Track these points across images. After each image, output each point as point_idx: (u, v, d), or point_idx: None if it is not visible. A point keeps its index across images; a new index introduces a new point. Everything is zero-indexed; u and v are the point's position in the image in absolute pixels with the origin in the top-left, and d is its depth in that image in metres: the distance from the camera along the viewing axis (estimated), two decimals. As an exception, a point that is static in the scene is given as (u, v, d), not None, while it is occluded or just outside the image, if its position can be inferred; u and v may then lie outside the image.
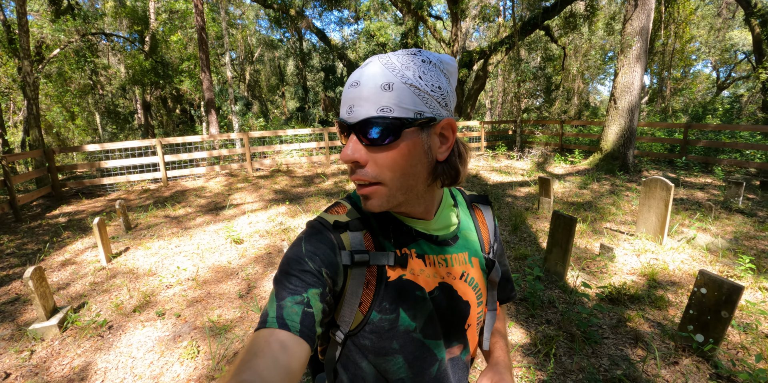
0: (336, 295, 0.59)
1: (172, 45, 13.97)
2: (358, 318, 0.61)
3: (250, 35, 22.89)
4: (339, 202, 0.67)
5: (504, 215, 5.17)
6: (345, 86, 0.58)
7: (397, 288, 0.61)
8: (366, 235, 0.61)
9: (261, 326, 0.52)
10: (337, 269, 0.58)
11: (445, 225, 0.68)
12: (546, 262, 3.28)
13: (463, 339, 0.69)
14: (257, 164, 9.55)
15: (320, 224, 0.61)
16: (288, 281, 0.55)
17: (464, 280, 0.67)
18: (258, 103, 25.84)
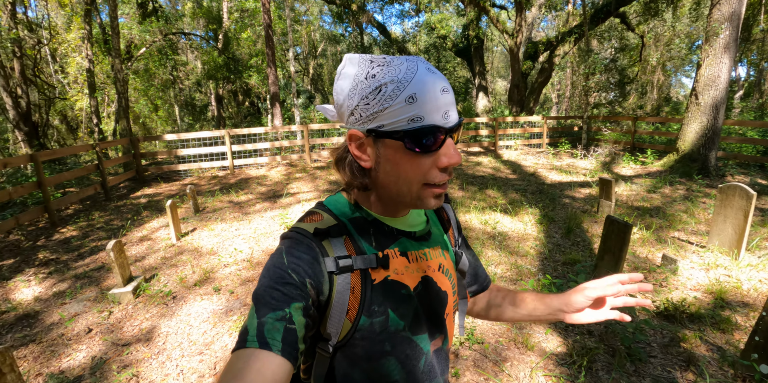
0: (321, 306, 0.58)
1: (242, 42, 14.88)
2: (346, 327, 0.60)
3: (314, 31, 23.65)
4: (313, 211, 0.67)
5: (558, 216, 4.94)
6: (431, 93, 0.54)
7: (384, 289, 0.61)
8: (346, 240, 0.61)
9: (240, 345, 0.49)
10: (322, 278, 0.57)
11: (419, 222, 0.71)
12: (596, 269, 3.11)
13: (443, 329, 0.71)
14: (315, 156, 9.94)
15: (300, 234, 0.60)
16: (269, 295, 0.53)
17: (441, 271, 0.70)
18: (320, 96, 26.74)
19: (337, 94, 0.59)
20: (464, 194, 6.17)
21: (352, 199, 0.66)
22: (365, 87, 0.55)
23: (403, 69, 0.55)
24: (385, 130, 0.56)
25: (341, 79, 0.58)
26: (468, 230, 4.48)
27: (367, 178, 0.61)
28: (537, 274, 3.28)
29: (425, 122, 0.55)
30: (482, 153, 10.59)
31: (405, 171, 0.58)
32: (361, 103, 0.56)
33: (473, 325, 2.52)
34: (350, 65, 0.58)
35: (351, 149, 0.59)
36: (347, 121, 0.59)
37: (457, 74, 22.80)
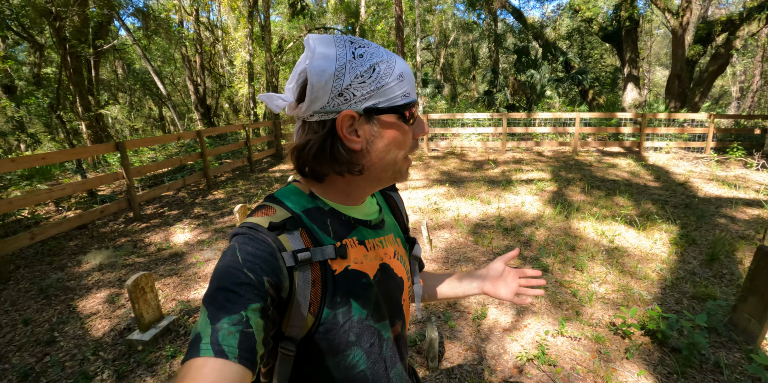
0: (282, 304, 0.56)
1: (376, 34, 15.60)
2: (309, 321, 0.58)
3: (447, 20, 23.33)
4: (262, 204, 0.63)
5: (703, 239, 4.06)
6: (410, 72, 0.59)
7: (345, 279, 0.60)
8: (302, 233, 0.59)
9: (193, 354, 0.45)
10: (281, 274, 0.54)
11: (373, 210, 0.71)
12: (734, 312, 2.49)
13: (402, 315, 0.72)
14: (433, 145, 10.01)
15: (253, 230, 0.57)
16: (223, 298, 0.49)
17: (396, 258, 0.71)
18: (449, 85, 26.52)
19: (317, 76, 0.55)
20: (585, 199, 5.52)
21: (307, 189, 0.65)
22: (356, 66, 0.55)
23: (382, 50, 0.58)
24: (383, 106, 0.57)
25: (318, 60, 0.54)
26: (578, 239, 4.02)
27: (361, 161, 0.60)
28: (650, 303, 2.78)
29: (411, 97, 0.59)
30: (621, 154, 9.23)
31: (396, 144, 0.60)
32: (355, 81, 0.55)
33: (546, 344, 2.30)
34: (325, 46, 0.55)
35: (342, 132, 0.57)
36: (330, 103, 0.56)
37: (603, 63, 20.03)
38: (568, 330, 2.41)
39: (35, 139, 10.58)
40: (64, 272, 3.60)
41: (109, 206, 4.86)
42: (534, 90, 16.08)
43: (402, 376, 0.72)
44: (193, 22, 11.76)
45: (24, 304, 3.05)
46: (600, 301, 2.81)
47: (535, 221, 4.55)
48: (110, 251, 4.05)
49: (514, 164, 8.15)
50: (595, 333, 2.38)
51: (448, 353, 2.27)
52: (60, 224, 4.21)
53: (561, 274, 3.24)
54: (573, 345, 2.29)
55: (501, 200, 5.51)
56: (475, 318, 2.61)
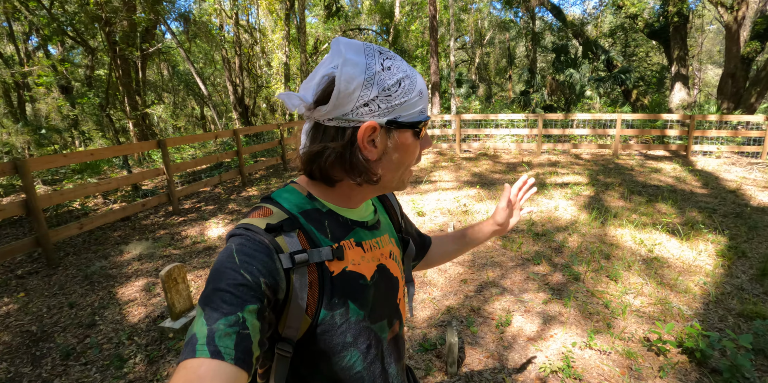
0: (278, 306, 0.56)
1: (410, 34, 15.55)
2: (306, 323, 0.58)
3: (483, 19, 22.89)
4: (259, 205, 0.64)
5: (755, 251, 3.75)
6: (426, 90, 0.61)
7: (343, 281, 0.61)
8: (300, 234, 0.59)
9: (189, 355, 0.45)
10: (278, 276, 0.54)
11: (369, 212, 0.72)
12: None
13: (398, 315, 0.73)
14: (466, 146, 9.87)
15: (250, 231, 0.57)
16: (220, 299, 0.49)
17: (392, 258, 0.72)
18: (484, 86, 26.06)
19: (346, 83, 0.55)
20: (624, 205, 5.25)
21: (305, 191, 0.65)
22: (385, 79, 0.56)
23: (405, 65, 0.59)
24: (404, 121, 0.59)
25: (349, 67, 0.55)
26: (614, 247, 3.83)
27: (377, 170, 0.61)
28: (690, 319, 2.61)
29: (426, 114, 0.63)
30: (666, 158, 8.72)
31: (408, 158, 0.63)
32: (382, 94, 0.56)
33: (573, 356, 2.20)
34: (354, 53, 0.56)
35: (362, 142, 0.57)
36: (353, 112, 0.56)
37: (649, 61, 19.00)
38: (598, 343, 2.30)
39: (87, 136, 11.33)
40: (108, 261, 3.84)
41: (151, 199, 5.13)
42: (573, 90, 15.50)
43: (398, 377, 0.73)
44: (233, 25, 12.20)
45: (70, 289, 3.28)
46: (634, 314, 2.66)
47: (568, 227, 4.38)
48: (150, 242, 4.28)
49: (549, 167, 7.88)
50: (627, 348, 2.26)
51: (468, 359, 2.23)
52: (106, 216, 4.48)
53: (593, 283, 3.10)
54: (602, 360, 2.19)
55: (533, 203, 5.35)
56: (498, 324, 2.55)
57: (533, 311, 2.70)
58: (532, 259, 3.54)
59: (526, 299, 2.86)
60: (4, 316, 2.87)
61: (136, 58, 8.19)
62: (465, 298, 2.92)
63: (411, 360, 2.25)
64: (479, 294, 2.97)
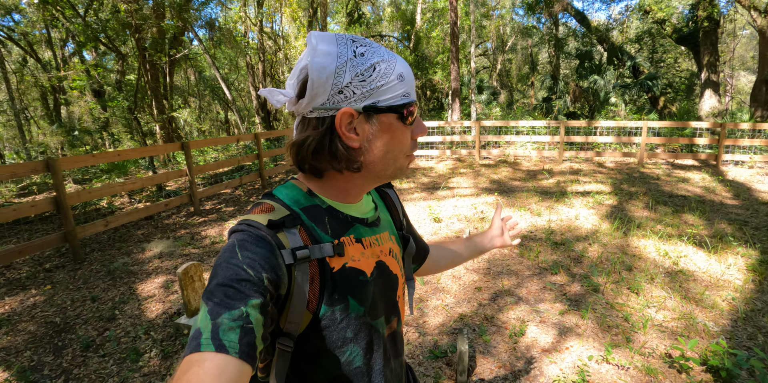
0: (280, 301, 0.57)
1: (431, 40, 15.59)
2: (307, 318, 0.59)
3: (505, 25, 22.75)
4: (260, 201, 0.64)
5: (788, 265, 3.57)
6: (410, 73, 0.61)
7: (343, 276, 0.61)
8: (301, 230, 0.60)
9: (194, 349, 0.45)
10: (280, 272, 0.55)
11: (369, 208, 0.73)
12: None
13: (397, 312, 0.73)
14: (485, 153, 9.78)
15: (252, 227, 0.57)
16: (223, 293, 0.50)
17: (391, 255, 0.72)
18: (506, 92, 25.81)
19: (318, 72, 0.55)
20: (648, 215, 5.08)
21: (305, 187, 0.65)
22: (357, 64, 0.56)
23: (383, 50, 0.59)
24: (382, 105, 0.58)
25: (320, 57, 0.55)
26: (636, 258, 3.71)
27: (359, 158, 0.60)
28: (716, 336, 2.49)
29: (411, 97, 0.61)
30: (694, 167, 8.42)
31: (395, 144, 0.61)
32: (356, 79, 0.56)
33: (588, 370, 2.12)
34: (326, 43, 0.56)
35: (341, 129, 0.57)
36: (329, 100, 0.57)
37: (677, 67, 18.43)
38: (616, 358, 2.22)
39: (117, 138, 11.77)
40: (130, 258, 3.95)
41: (173, 200, 5.27)
42: (597, 97, 15.16)
43: (397, 372, 0.74)
44: (257, 32, 12.53)
45: (93, 283, 3.39)
46: (656, 329, 2.56)
47: (588, 237, 4.27)
48: (170, 241, 4.39)
49: (570, 175, 7.71)
50: (647, 364, 2.17)
51: (479, 368, 2.18)
52: (130, 214, 4.63)
53: (613, 296, 3.00)
54: (619, 375, 2.10)
55: (553, 212, 5.24)
56: (512, 334, 2.49)
57: (549, 321, 2.63)
58: (550, 268, 3.46)
59: (542, 309, 2.79)
60: (31, 307, 2.99)
61: (164, 64, 8.49)
62: (478, 306, 2.87)
63: (420, 367, 2.22)
64: (493, 303, 2.91)
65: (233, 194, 6.86)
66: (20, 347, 2.47)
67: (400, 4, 19.31)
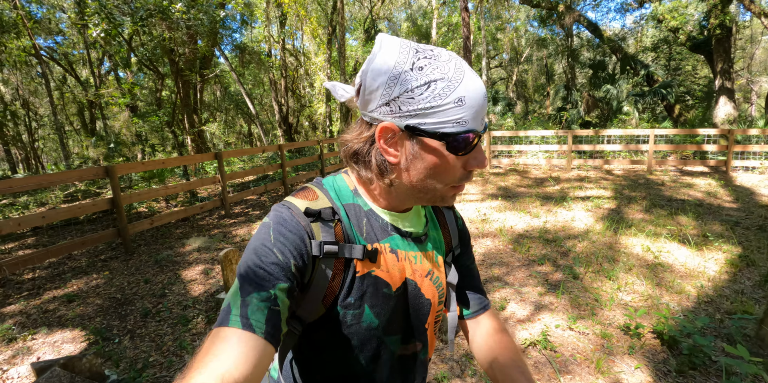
0: (302, 288, 0.57)
1: (446, 53, 16.24)
2: (319, 311, 0.59)
3: (520, 37, 23.21)
4: (308, 186, 0.64)
5: (767, 261, 3.85)
6: (477, 98, 0.53)
7: (365, 283, 0.60)
8: (337, 225, 0.59)
9: (223, 323, 0.48)
10: (306, 260, 0.56)
11: (418, 223, 0.68)
12: (761, 328, 2.49)
13: (423, 337, 0.69)
14: (496, 162, 10.18)
15: (290, 210, 0.58)
16: (254, 274, 0.51)
17: (430, 278, 0.67)
18: (522, 103, 26.10)
19: (371, 79, 0.54)
20: (643, 217, 5.39)
21: (353, 185, 0.64)
22: (411, 79, 0.52)
23: (451, 67, 0.53)
24: (427, 129, 0.53)
25: (377, 63, 0.53)
26: (621, 253, 4.06)
27: (393, 174, 0.58)
28: (675, 313, 2.84)
29: (468, 125, 0.54)
30: (704, 174, 8.58)
31: (438, 172, 0.56)
32: (404, 95, 0.52)
33: (552, 333, 2.54)
34: (389, 49, 0.53)
35: (379, 142, 0.56)
36: (377, 110, 0.55)
37: (697, 75, 18.37)
38: (578, 326, 2.63)
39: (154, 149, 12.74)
40: (172, 251, 4.58)
41: (207, 204, 5.93)
42: (610, 106, 15.35)
43: None
44: (279, 50, 13.44)
45: (144, 270, 4.01)
46: (621, 307, 2.93)
47: (579, 235, 4.63)
48: (206, 238, 5.01)
49: (576, 182, 8.02)
50: (605, 331, 2.57)
51: (462, 332, 2.63)
52: (170, 215, 5.29)
53: (590, 281, 3.38)
54: (578, 338, 2.51)
55: (551, 214, 5.61)
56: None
57: (528, 300, 3.04)
58: (538, 260, 3.86)
59: (524, 291, 3.20)
60: (95, 287, 3.62)
61: (196, 82, 9.36)
62: (469, 289, 3.31)
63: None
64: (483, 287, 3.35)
65: (259, 200, 7.51)
66: (91, 314, 3.07)
67: (416, 19, 20.12)
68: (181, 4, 5.83)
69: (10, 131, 14.96)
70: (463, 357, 2.34)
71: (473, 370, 2.20)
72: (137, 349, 2.56)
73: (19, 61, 11.92)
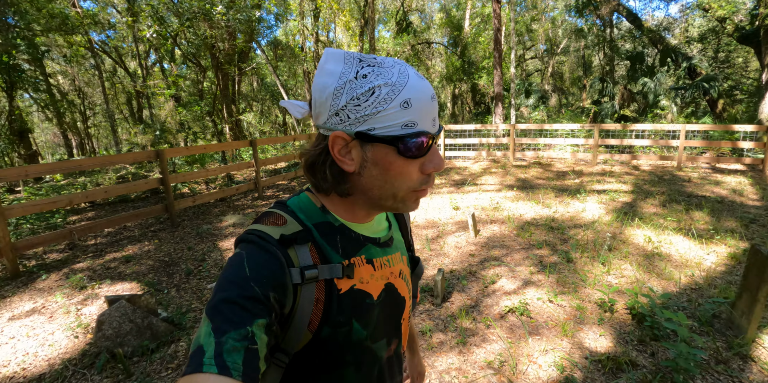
0: (283, 320, 0.55)
1: (479, 46, 16.19)
2: (306, 338, 0.57)
3: (557, 27, 22.56)
4: (273, 212, 0.62)
5: None
6: (423, 100, 0.54)
7: (349, 299, 0.60)
8: (311, 248, 0.58)
9: (196, 369, 0.43)
10: (287, 291, 0.53)
11: (382, 228, 0.70)
12: (733, 309, 2.70)
13: (399, 334, 0.72)
14: (520, 155, 10.27)
15: (263, 240, 0.55)
16: (229, 310, 0.47)
17: (401, 277, 0.70)
18: (557, 95, 25.48)
19: (319, 92, 0.55)
20: (657, 211, 5.46)
21: (319, 202, 0.63)
22: (355, 87, 0.53)
23: (395, 72, 0.54)
24: (377, 134, 0.54)
25: (324, 76, 0.55)
26: (622, 242, 4.24)
27: (348, 183, 0.59)
28: (659, 298, 3.06)
29: (418, 127, 0.54)
30: (738, 172, 8.35)
31: (393, 176, 0.56)
32: (351, 103, 0.53)
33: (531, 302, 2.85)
34: (333, 61, 0.55)
35: (333, 152, 0.56)
36: (328, 121, 0.56)
37: (748, 68, 17.30)
38: (559, 300, 2.93)
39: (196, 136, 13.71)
40: (211, 225, 5.20)
41: (242, 186, 6.55)
42: (646, 100, 14.86)
43: None
44: (313, 42, 13.94)
45: (188, 240, 4.64)
46: (605, 287, 3.19)
47: (585, 225, 4.81)
48: (241, 216, 5.60)
49: (598, 176, 8.05)
50: (581, 305, 2.85)
51: (453, 299, 3.00)
52: (210, 195, 5.93)
53: (582, 265, 3.63)
54: (555, 309, 2.82)
55: (563, 205, 5.78)
56: (485, 283, 3.26)
57: (518, 277, 3.36)
58: (537, 245, 4.13)
59: (517, 270, 3.51)
60: (147, 252, 4.27)
61: (234, 74, 10.03)
62: (468, 266, 3.66)
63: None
64: (480, 264, 3.68)
65: (289, 185, 8.09)
66: (144, 272, 3.69)
67: (450, 10, 20.05)
68: (221, 6, 6.43)
69: (68, 118, 16.41)
70: (448, 318, 2.72)
71: (453, 327, 2.58)
72: (182, 298, 3.12)
73: (78, 55, 13.08)
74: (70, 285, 3.46)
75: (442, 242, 4.35)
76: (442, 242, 4.37)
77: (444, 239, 4.43)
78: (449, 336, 2.51)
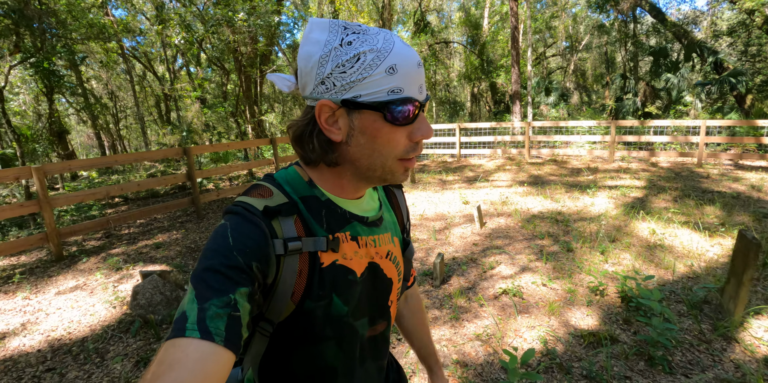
0: (266, 289, 0.56)
1: (497, 44, 16.20)
2: (289, 308, 0.59)
3: (578, 23, 22.20)
4: (260, 184, 0.62)
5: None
6: (409, 66, 0.54)
7: (331, 273, 0.60)
8: (296, 220, 0.59)
9: (178, 333, 0.44)
10: (269, 261, 0.54)
11: (372, 207, 0.70)
12: (723, 294, 2.80)
13: (386, 316, 0.72)
14: (536, 152, 10.30)
15: (247, 211, 0.55)
16: (212, 278, 0.48)
17: (389, 259, 0.70)
18: (579, 93, 25.06)
19: (304, 61, 0.55)
20: (668, 206, 5.48)
21: (306, 176, 0.63)
22: (340, 54, 0.52)
23: (380, 39, 0.53)
24: (363, 100, 0.53)
25: (308, 45, 0.54)
26: (625, 234, 4.32)
27: (335, 153, 0.59)
28: (655, 284, 3.18)
29: (404, 93, 0.54)
30: (762, 169, 8.15)
31: (381, 144, 0.56)
32: (336, 71, 0.53)
33: (524, 284, 3.02)
34: (318, 30, 0.54)
35: (320, 121, 0.56)
36: (314, 90, 0.55)
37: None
38: (552, 284, 3.08)
39: (220, 136, 14.30)
40: (232, 217, 5.57)
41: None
42: (670, 96, 14.51)
43: (372, 375, 0.73)
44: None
45: (212, 230, 4.99)
46: (600, 274, 3.32)
47: (591, 218, 4.89)
48: (258, 209, 5.96)
49: (613, 173, 8.02)
50: (573, 289, 3.00)
51: (453, 281, 3.20)
52: (233, 190, 6.32)
53: (581, 254, 3.76)
54: (547, 291, 2.98)
55: (572, 200, 5.85)
56: (484, 268, 3.45)
57: (517, 264, 3.52)
58: (539, 236, 4.27)
59: (517, 257, 3.68)
60: (175, 240, 4.65)
61: (256, 77, 10.47)
62: (470, 254, 3.85)
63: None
64: (482, 252, 3.87)
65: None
66: (173, 256, 4.05)
67: (469, 8, 20.08)
68: (243, 13, 6.85)
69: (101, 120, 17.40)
70: (445, 297, 2.93)
71: (449, 305, 2.78)
72: (205, 279, 3.44)
73: (110, 61, 13.91)
74: (107, 267, 3.86)
75: (448, 233, 4.54)
76: (448, 232, 4.56)
77: (450, 230, 4.63)
78: (444, 313, 2.72)
